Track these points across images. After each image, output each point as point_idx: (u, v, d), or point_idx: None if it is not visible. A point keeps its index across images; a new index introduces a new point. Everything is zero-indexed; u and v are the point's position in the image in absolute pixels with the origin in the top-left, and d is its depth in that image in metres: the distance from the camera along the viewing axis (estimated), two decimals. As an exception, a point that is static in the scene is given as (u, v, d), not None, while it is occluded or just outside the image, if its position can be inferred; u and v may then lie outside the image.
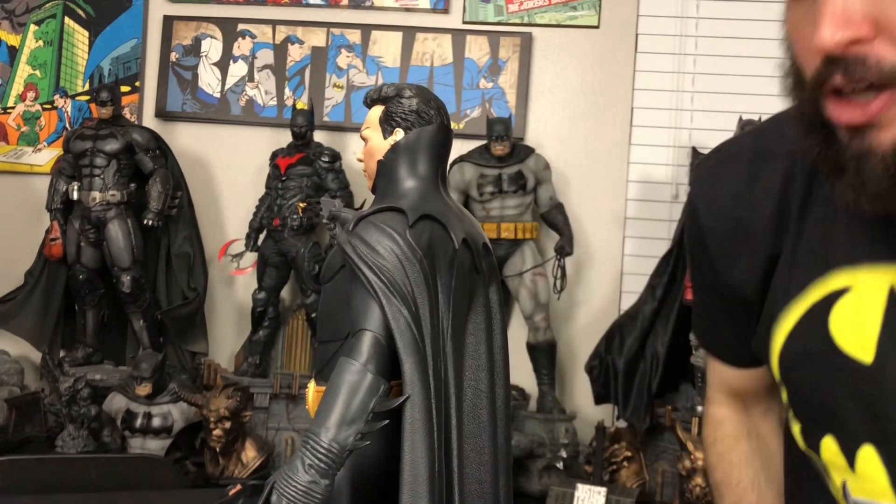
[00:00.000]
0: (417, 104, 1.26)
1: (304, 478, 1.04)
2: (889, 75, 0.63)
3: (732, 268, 0.91)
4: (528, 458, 2.51)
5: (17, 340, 2.93)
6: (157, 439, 2.51)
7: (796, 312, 0.83)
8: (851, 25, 0.63)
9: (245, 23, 3.08)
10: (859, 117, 0.65)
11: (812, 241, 0.82)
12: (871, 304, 0.78)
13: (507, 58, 2.98)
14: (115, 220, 2.76)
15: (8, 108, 3.17)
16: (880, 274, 0.77)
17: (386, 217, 1.17)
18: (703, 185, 0.95)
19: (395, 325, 1.09)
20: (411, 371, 1.09)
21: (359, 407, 1.06)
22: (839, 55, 0.64)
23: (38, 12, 3.17)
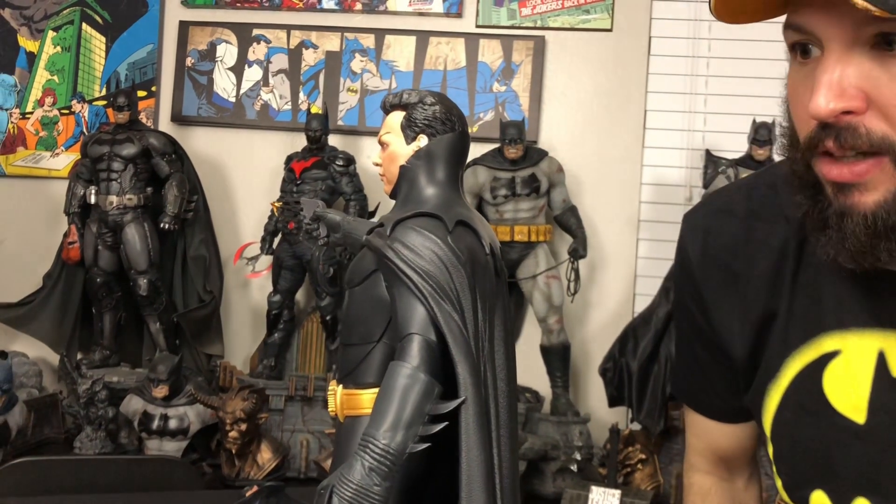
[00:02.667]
0: (441, 111, 1.27)
1: (366, 480, 1.04)
2: (877, 144, 0.68)
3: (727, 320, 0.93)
4: (542, 461, 2.52)
5: (35, 343, 2.96)
6: (173, 441, 2.53)
7: (792, 371, 0.86)
8: (845, 97, 0.67)
9: (260, 28, 3.10)
10: (847, 176, 0.70)
11: (805, 302, 0.86)
12: (860, 367, 0.82)
13: (520, 61, 2.99)
14: (132, 223, 2.79)
15: (26, 114, 3.21)
16: (868, 339, 0.82)
17: (424, 222, 1.18)
18: (696, 236, 0.96)
19: (447, 328, 1.10)
20: (465, 374, 1.10)
21: (415, 410, 1.07)
22: (832, 123, 0.68)
23: (56, 18, 3.21)
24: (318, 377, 2.66)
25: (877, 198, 0.70)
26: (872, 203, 0.70)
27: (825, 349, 0.84)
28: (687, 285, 0.97)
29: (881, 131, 0.68)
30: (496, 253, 1.22)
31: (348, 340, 1.20)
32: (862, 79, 0.67)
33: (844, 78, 0.67)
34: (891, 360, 0.81)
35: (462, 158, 1.31)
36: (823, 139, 0.69)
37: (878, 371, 0.81)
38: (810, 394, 0.84)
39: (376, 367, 1.16)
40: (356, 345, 1.18)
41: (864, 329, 0.82)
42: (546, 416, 2.65)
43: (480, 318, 1.13)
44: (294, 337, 2.85)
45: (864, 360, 0.82)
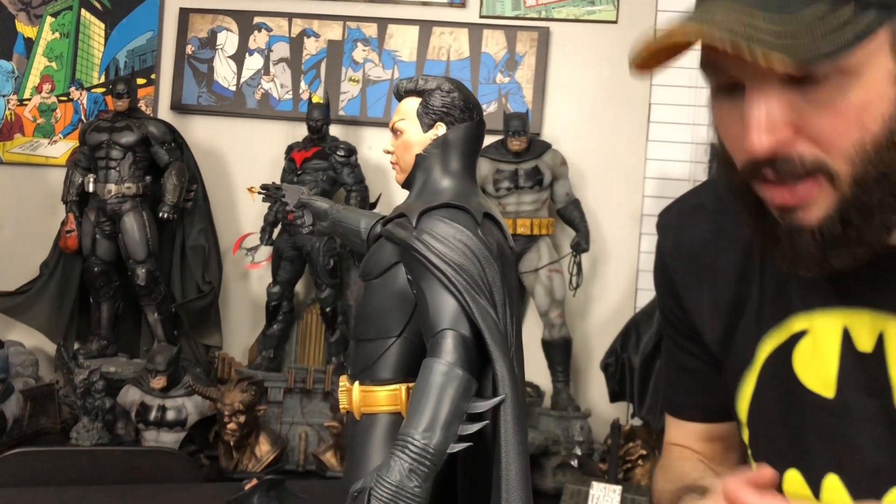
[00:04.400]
0: (459, 99, 1.23)
1: (405, 481, 1.00)
2: (811, 167, 0.73)
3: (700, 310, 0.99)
4: (542, 456, 2.50)
5: (32, 332, 2.93)
6: (171, 432, 2.51)
7: (764, 354, 0.92)
8: (775, 132, 0.72)
9: (261, 16, 3.07)
10: (789, 200, 0.75)
11: (773, 287, 0.91)
12: (828, 344, 0.87)
13: (524, 52, 2.96)
14: (131, 212, 2.76)
15: (24, 100, 3.17)
16: (833, 317, 0.87)
17: (452, 213, 1.14)
18: (670, 233, 1.04)
19: (483, 324, 1.06)
20: (503, 371, 1.06)
21: (453, 408, 1.03)
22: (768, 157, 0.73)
23: (55, 4, 3.17)
24: (317, 369, 2.64)
25: (819, 213, 0.75)
26: (816, 219, 0.75)
27: (794, 330, 0.89)
28: (664, 279, 1.04)
29: (813, 155, 0.73)
30: (514, 247, 1.20)
31: (365, 335, 1.16)
32: (787, 111, 0.72)
33: (770, 114, 0.72)
34: (855, 335, 0.86)
35: (478, 148, 1.28)
36: (761, 169, 0.74)
37: (844, 347, 0.86)
38: (782, 374, 0.89)
39: (394, 364, 1.12)
40: (374, 339, 1.14)
41: (829, 308, 0.87)
42: (547, 410, 2.63)
43: (509, 314, 1.09)
44: (293, 329, 2.83)
45: (831, 338, 0.87)
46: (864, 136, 0.72)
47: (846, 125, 0.72)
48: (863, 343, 0.86)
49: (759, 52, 0.65)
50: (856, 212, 0.74)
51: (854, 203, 0.74)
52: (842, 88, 0.71)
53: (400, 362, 1.12)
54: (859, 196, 0.74)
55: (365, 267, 1.20)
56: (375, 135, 2.99)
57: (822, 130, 0.72)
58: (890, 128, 0.72)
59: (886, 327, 0.84)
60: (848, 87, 0.71)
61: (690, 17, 0.70)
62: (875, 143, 0.72)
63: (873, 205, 0.74)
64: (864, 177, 0.73)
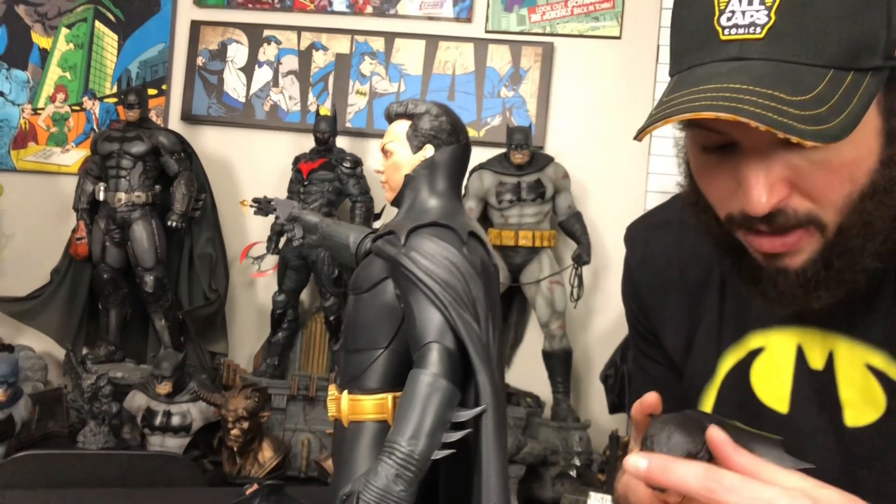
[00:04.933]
0: (447, 123, 1.28)
1: (390, 486, 1.05)
2: (804, 220, 0.77)
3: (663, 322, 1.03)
4: (541, 466, 2.52)
5: (41, 337, 2.99)
6: (175, 437, 2.54)
7: (724, 369, 0.96)
8: (774, 191, 0.75)
9: (271, 29, 3.13)
10: (779, 248, 0.79)
11: (732, 305, 0.96)
12: (782, 361, 0.92)
13: (528, 67, 3.00)
14: (140, 220, 2.81)
15: (38, 109, 3.24)
16: (788, 335, 0.91)
17: (439, 232, 1.19)
18: (636, 248, 1.09)
19: (467, 337, 1.11)
20: (485, 382, 1.11)
21: (437, 417, 1.08)
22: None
23: (70, 16, 3.24)
24: (320, 377, 2.68)
25: (804, 258, 0.79)
26: (801, 263, 0.79)
27: (751, 346, 0.94)
28: (630, 291, 1.08)
29: (806, 209, 0.77)
30: (497, 264, 1.24)
31: (353, 346, 1.21)
32: (785, 171, 0.75)
33: (770, 174, 0.75)
34: (808, 353, 0.91)
35: (464, 169, 1.33)
36: (755, 224, 0.78)
37: (798, 364, 0.91)
38: (740, 389, 0.93)
39: (381, 374, 1.17)
40: (362, 350, 1.19)
41: (784, 327, 0.92)
42: (546, 421, 2.66)
43: (491, 327, 1.14)
44: (298, 337, 2.87)
45: (786, 355, 0.92)
46: (853, 189, 0.77)
47: (839, 180, 0.76)
48: (815, 361, 0.90)
49: (795, 137, 0.68)
50: (839, 256, 0.79)
51: (838, 248, 0.79)
52: (838, 148, 0.74)
53: (387, 373, 1.17)
54: (843, 242, 0.78)
55: (355, 281, 1.25)
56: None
57: (817, 187, 0.76)
58: (874, 180, 0.77)
59: (836, 346, 0.89)
60: (843, 145, 0.74)
61: (713, 94, 0.72)
62: (862, 194, 0.77)
63: (855, 250, 0.79)
64: (849, 225, 0.78)
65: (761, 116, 0.68)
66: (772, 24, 0.72)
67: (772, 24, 0.72)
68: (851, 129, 0.71)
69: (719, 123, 0.73)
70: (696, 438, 0.73)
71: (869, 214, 0.78)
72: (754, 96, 0.70)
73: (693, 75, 0.76)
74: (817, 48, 0.72)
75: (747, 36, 0.73)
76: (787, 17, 0.72)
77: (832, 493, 0.68)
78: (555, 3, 3.00)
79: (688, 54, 0.78)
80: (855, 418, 0.89)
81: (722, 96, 0.71)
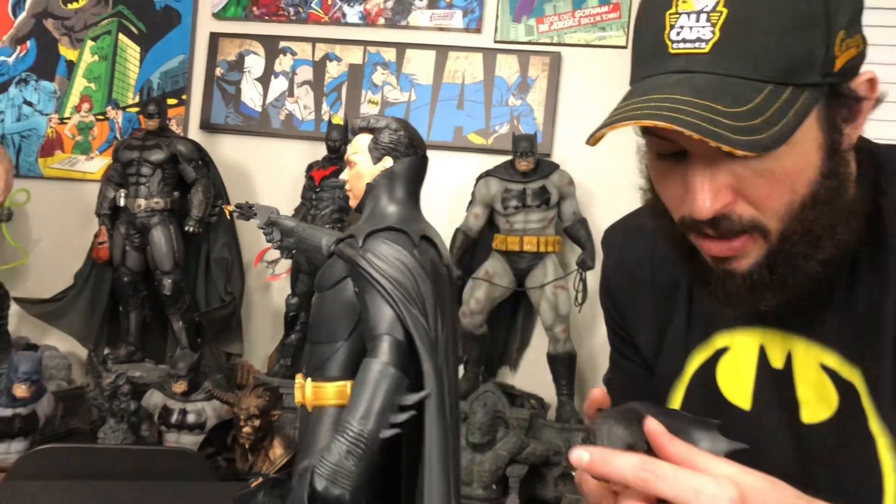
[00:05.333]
0: (405, 136, 1.38)
1: (342, 461, 1.16)
2: (748, 226, 0.82)
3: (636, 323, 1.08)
4: (544, 466, 2.58)
5: (65, 337, 3.10)
6: (191, 434, 2.63)
7: (692, 368, 1.01)
8: (719, 197, 0.80)
9: (286, 40, 3.22)
10: (725, 252, 0.84)
11: (700, 307, 1.00)
12: (745, 360, 0.96)
13: (536, 76, 3.07)
14: (159, 226, 2.92)
15: (64, 119, 3.36)
16: (751, 336, 0.96)
17: (393, 236, 1.30)
18: (612, 252, 1.15)
19: (414, 330, 1.22)
20: (429, 370, 1.22)
21: (386, 400, 1.18)
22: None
23: (95, 29, 3.36)
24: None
25: (750, 262, 0.84)
26: (747, 266, 0.84)
27: (717, 346, 0.98)
28: (607, 292, 1.13)
29: (750, 215, 0.81)
30: (450, 265, 1.34)
31: (318, 339, 1.32)
32: (730, 179, 0.80)
33: (716, 180, 0.80)
34: (769, 353, 0.95)
35: (421, 179, 1.42)
36: (702, 227, 0.82)
37: (760, 363, 0.95)
38: (706, 386, 0.98)
39: (341, 363, 1.28)
40: (325, 343, 1.30)
41: (747, 327, 0.96)
42: (550, 422, 2.71)
43: (440, 321, 1.23)
44: (310, 338, 2.94)
45: (749, 355, 0.96)
46: (794, 198, 0.81)
47: (781, 189, 0.80)
48: (775, 360, 0.94)
49: (726, 147, 0.73)
50: (782, 261, 0.83)
51: (781, 254, 0.83)
52: (779, 158, 0.78)
53: (346, 363, 1.28)
54: (786, 248, 0.83)
55: (319, 280, 1.35)
56: (392, 154, 3.11)
57: (760, 195, 0.80)
58: (814, 189, 0.81)
59: (794, 347, 0.93)
60: (784, 156, 0.78)
61: (656, 104, 0.77)
62: (803, 203, 0.81)
63: (798, 255, 0.83)
64: (791, 232, 0.82)
65: (696, 126, 0.73)
66: (716, 39, 0.76)
67: (716, 40, 0.76)
68: (783, 140, 0.75)
69: (667, 132, 0.78)
70: (635, 430, 0.77)
71: (810, 222, 0.82)
72: (693, 107, 0.74)
73: (644, 85, 0.81)
74: (757, 64, 0.76)
75: (693, 50, 0.78)
76: (731, 34, 0.76)
77: (757, 478, 0.73)
78: (562, 13, 3.07)
79: (642, 65, 0.84)
80: (811, 415, 0.92)
81: (664, 106, 0.75)
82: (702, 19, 0.77)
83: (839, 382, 0.90)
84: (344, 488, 1.14)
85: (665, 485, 0.71)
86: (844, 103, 0.82)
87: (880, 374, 0.87)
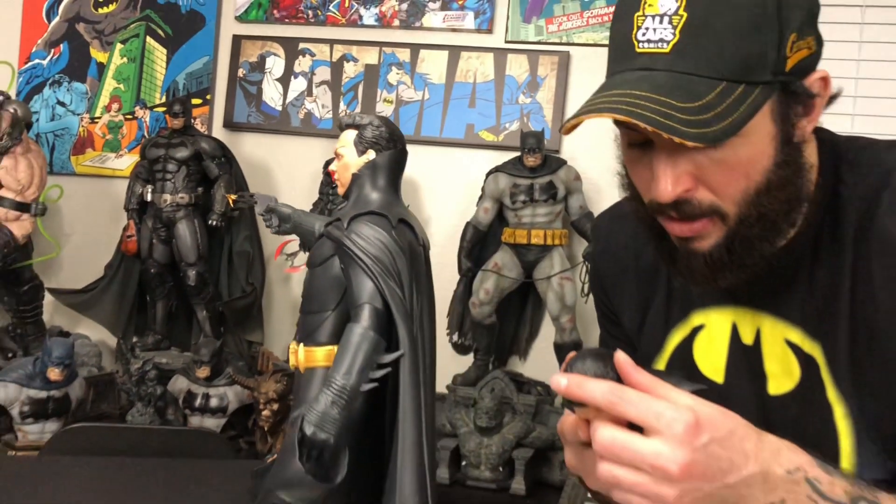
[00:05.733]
0: (386, 132, 1.52)
1: (328, 409, 1.32)
2: (707, 210, 0.89)
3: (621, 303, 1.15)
4: (549, 450, 2.68)
5: (96, 326, 3.26)
6: (213, 418, 2.76)
7: (672, 345, 1.08)
8: (679, 183, 0.87)
9: (305, 42, 3.35)
10: (687, 233, 0.91)
11: (679, 289, 1.07)
12: (719, 337, 1.03)
13: (545, 75, 3.17)
14: (184, 220, 3.06)
15: (95, 118, 3.52)
16: (725, 314, 1.03)
17: (374, 219, 1.47)
18: (600, 238, 1.21)
19: (391, 299, 1.39)
20: (404, 334, 1.39)
21: (366, 359, 1.35)
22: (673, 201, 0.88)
23: (124, 32, 3.52)
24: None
25: (711, 242, 0.91)
26: (708, 246, 0.91)
27: (694, 324, 1.05)
28: (595, 276, 1.21)
29: (709, 201, 0.89)
30: (426, 245, 1.46)
31: (308, 309, 1.47)
32: (690, 166, 0.87)
33: (677, 168, 0.87)
34: (741, 329, 1.02)
35: (400, 170, 1.55)
36: (666, 210, 0.90)
37: (732, 340, 1.02)
38: (684, 362, 1.05)
39: (329, 330, 1.45)
40: (315, 312, 1.45)
41: (721, 306, 1.03)
42: (556, 408, 2.81)
43: (415, 293, 1.37)
44: (327, 328, 3.07)
45: (722, 332, 1.03)
46: (749, 184, 0.88)
47: (737, 177, 0.87)
48: (746, 336, 1.01)
49: (677, 138, 0.80)
50: (739, 243, 0.90)
51: (738, 236, 0.90)
52: (735, 149, 0.85)
53: (334, 330, 1.44)
54: (742, 231, 0.90)
55: (311, 257, 1.49)
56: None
57: (718, 182, 0.87)
58: (768, 177, 0.88)
59: (762, 323, 1.00)
60: (739, 147, 0.85)
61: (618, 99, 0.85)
62: (757, 189, 0.88)
63: (753, 238, 0.90)
64: (747, 216, 0.89)
65: (651, 119, 0.81)
66: (676, 40, 0.84)
67: (676, 41, 0.84)
68: (732, 133, 0.82)
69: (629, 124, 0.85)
70: (606, 363, 0.85)
71: (764, 207, 0.89)
72: (650, 102, 0.82)
73: (612, 81, 0.89)
74: (712, 63, 0.84)
75: (656, 50, 0.85)
76: (689, 36, 0.84)
77: (712, 409, 0.80)
78: (571, 13, 3.16)
79: (613, 63, 0.92)
80: (776, 387, 0.99)
81: (624, 101, 0.84)
82: (664, 21, 0.85)
83: (802, 356, 0.97)
84: (329, 433, 1.30)
85: (630, 408, 0.78)
86: (798, 99, 0.89)
87: (837, 349, 0.94)
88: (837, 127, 1.02)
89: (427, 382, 1.36)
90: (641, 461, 0.78)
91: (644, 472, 0.78)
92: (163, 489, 2.01)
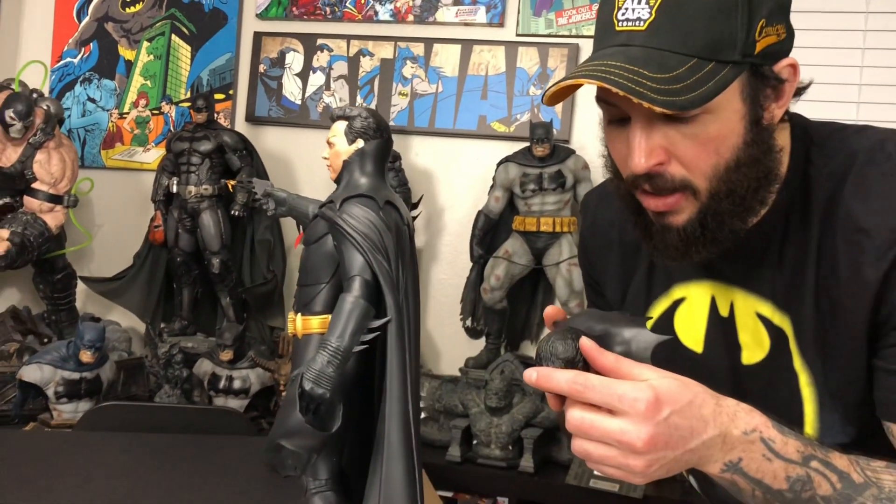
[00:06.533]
0: (374, 123, 1.67)
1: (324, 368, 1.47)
2: (679, 184, 0.95)
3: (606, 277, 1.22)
4: (557, 430, 2.77)
5: (126, 313, 3.40)
6: (236, 399, 2.89)
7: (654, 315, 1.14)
8: (652, 156, 0.93)
9: (323, 38, 3.47)
10: (661, 207, 0.97)
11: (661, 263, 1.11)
12: (699, 309, 1.09)
13: (555, 67, 3.25)
14: (208, 210, 3.19)
15: (123, 114, 3.67)
16: (704, 288, 1.09)
17: (363, 201, 1.64)
18: (587, 214, 1.28)
19: (379, 271, 1.54)
20: (390, 302, 1.55)
21: (357, 324, 1.50)
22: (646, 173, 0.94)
23: (150, 31, 3.66)
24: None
25: (684, 217, 0.97)
26: (682, 221, 0.97)
27: (675, 297, 1.13)
28: (583, 250, 1.29)
29: (681, 175, 0.95)
30: (410, 225, 1.60)
31: (305, 282, 1.65)
32: (663, 140, 0.93)
33: (650, 141, 0.93)
34: (719, 303, 1.09)
35: (386, 157, 1.71)
36: (641, 183, 0.97)
37: (711, 312, 1.09)
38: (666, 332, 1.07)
39: (324, 301, 1.63)
40: (311, 285, 1.62)
41: (700, 280, 1.10)
42: (565, 390, 2.90)
43: (401, 266, 1.53)
44: (345, 313, 3.19)
45: (701, 304, 1.10)
46: (718, 161, 0.95)
47: (707, 152, 0.94)
48: (722, 309, 1.09)
49: (646, 103, 0.86)
50: (711, 218, 0.97)
51: (710, 211, 0.97)
52: (705, 124, 0.92)
53: (328, 300, 1.61)
54: (714, 206, 0.96)
55: (307, 236, 1.63)
56: (421, 143, 3.34)
57: (689, 156, 0.94)
58: (737, 155, 0.95)
59: (735, 297, 1.07)
60: (709, 123, 0.92)
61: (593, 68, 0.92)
62: (726, 166, 0.95)
63: (724, 213, 0.97)
64: (717, 192, 0.96)
65: (621, 84, 0.88)
66: (652, 19, 0.91)
67: (652, 20, 0.91)
68: (699, 104, 0.89)
69: (611, 96, 0.93)
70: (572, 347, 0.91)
71: (733, 184, 0.95)
72: (624, 72, 0.89)
73: (594, 56, 0.97)
74: (684, 41, 0.91)
75: (633, 28, 0.92)
76: (665, 15, 0.91)
77: (672, 381, 0.88)
78: (580, 6, 3.24)
79: (597, 40, 1.00)
80: (748, 357, 1.07)
81: (600, 70, 0.91)
82: (642, 3, 0.92)
83: (771, 328, 1.04)
84: (325, 388, 1.45)
85: (594, 393, 0.86)
86: (767, 83, 0.96)
87: (804, 321, 1.01)
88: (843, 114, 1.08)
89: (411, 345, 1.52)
90: (609, 438, 0.85)
91: (612, 447, 0.85)
92: (188, 462, 2.14)
